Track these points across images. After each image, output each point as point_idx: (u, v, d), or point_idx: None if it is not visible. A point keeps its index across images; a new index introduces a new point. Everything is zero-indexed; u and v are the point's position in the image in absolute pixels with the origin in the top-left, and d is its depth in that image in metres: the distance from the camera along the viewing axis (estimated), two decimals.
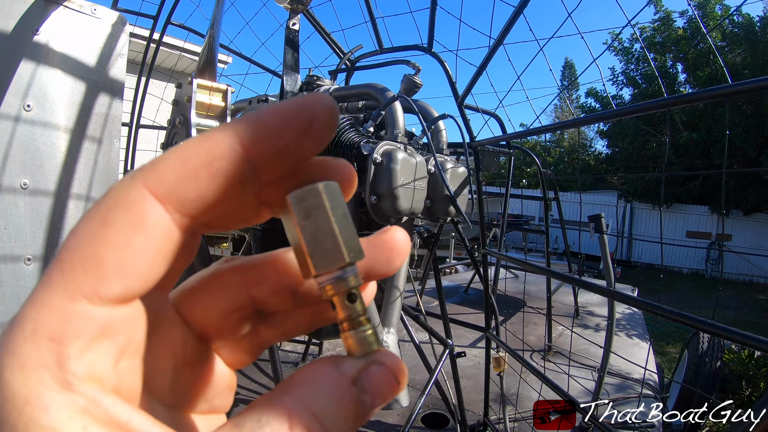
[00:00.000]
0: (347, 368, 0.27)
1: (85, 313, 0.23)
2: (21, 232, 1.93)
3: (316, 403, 0.25)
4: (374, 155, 2.01)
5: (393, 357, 0.29)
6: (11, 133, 1.90)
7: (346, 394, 0.26)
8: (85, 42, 2.11)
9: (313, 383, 0.26)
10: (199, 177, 0.25)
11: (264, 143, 0.26)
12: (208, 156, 0.25)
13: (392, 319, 2.33)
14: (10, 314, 1.92)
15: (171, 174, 0.25)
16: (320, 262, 0.28)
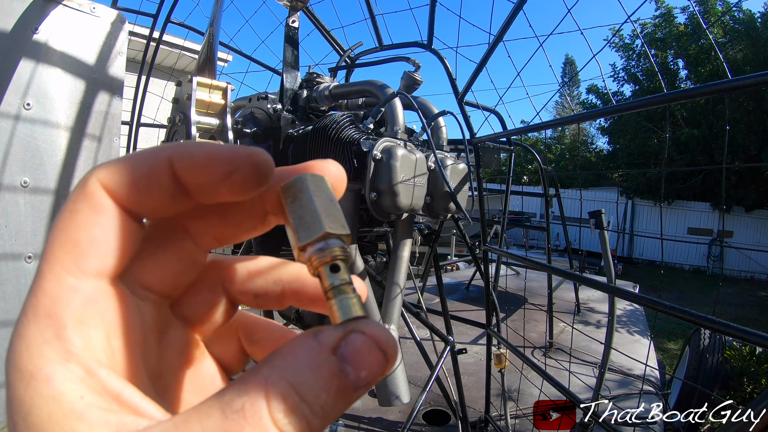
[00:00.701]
0: (325, 337, 0.27)
1: (71, 287, 0.26)
2: (22, 230, 1.93)
3: (294, 373, 0.26)
4: (374, 152, 2.01)
5: (376, 325, 0.28)
6: (11, 131, 1.90)
7: (324, 364, 0.26)
8: (85, 40, 2.10)
9: (291, 353, 0.27)
10: (138, 185, 0.28)
11: (189, 174, 0.29)
12: (148, 169, 0.28)
13: (393, 316, 2.32)
14: (12, 312, 1.92)
15: (117, 176, 0.28)
16: (302, 234, 0.30)
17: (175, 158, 0.28)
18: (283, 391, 0.25)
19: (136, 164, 0.28)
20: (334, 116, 2.27)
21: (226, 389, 0.26)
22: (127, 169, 0.28)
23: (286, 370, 0.26)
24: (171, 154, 0.28)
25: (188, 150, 0.29)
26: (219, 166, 0.29)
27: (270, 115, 2.52)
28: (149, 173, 0.28)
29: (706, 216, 20.33)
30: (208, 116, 2.15)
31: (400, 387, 2.24)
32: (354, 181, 2.08)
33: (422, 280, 4.37)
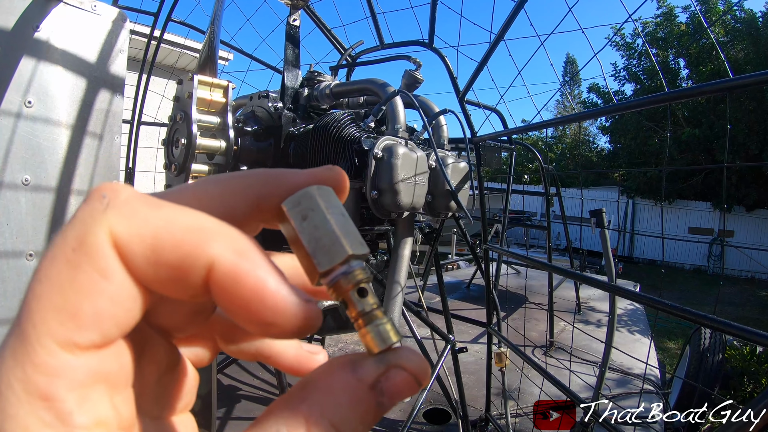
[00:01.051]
0: (366, 373, 0.27)
1: (70, 365, 0.23)
2: (23, 227, 1.93)
3: (334, 411, 0.25)
4: (375, 150, 2.01)
5: (414, 357, 0.28)
6: (12, 129, 1.90)
7: (364, 400, 0.26)
8: (86, 38, 2.10)
9: (331, 391, 0.26)
10: (160, 269, 0.24)
11: (225, 298, 0.25)
12: (180, 258, 0.24)
13: (393, 314, 2.32)
14: (13, 309, 1.91)
15: (137, 242, 0.24)
16: (323, 259, 0.28)
17: (218, 271, 0.24)
18: (326, 431, 0.25)
19: (167, 239, 0.24)
20: (335, 115, 2.27)
21: (263, 427, 0.25)
22: (154, 240, 0.24)
23: (326, 408, 0.25)
24: (216, 259, 0.24)
25: (237, 271, 0.24)
26: (262, 314, 0.25)
27: (271, 113, 2.52)
28: (180, 265, 0.24)
29: (707, 215, 20.32)
30: (209, 114, 2.15)
31: None
32: (355, 179, 2.08)
33: (423, 278, 4.37)
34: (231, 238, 0.25)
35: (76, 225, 0.24)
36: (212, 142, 2.15)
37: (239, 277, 0.24)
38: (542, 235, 16.12)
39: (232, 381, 4.04)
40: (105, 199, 0.24)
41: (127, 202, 0.24)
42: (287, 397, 0.27)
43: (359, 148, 2.07)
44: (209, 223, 0.25)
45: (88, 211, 0.24)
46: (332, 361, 0.29)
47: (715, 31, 18.72)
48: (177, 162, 2.09)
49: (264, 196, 0.30)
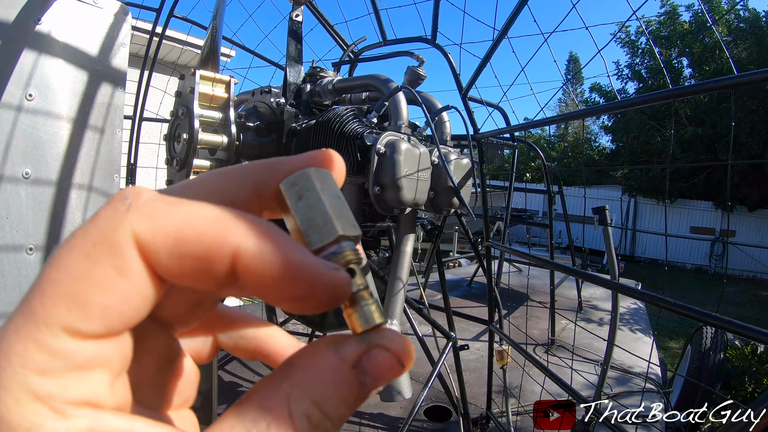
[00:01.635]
0: (347, 352, 0.27)
1: (71, 348, 0.23)
2: (23, 221, 1.93)
3: (315, 390, 0.26)
4: (377, 146, 2.00)
5: (397, 338, 0.28)
6: (13, 122, 1.89)
7: (346, 380, 0.26)
8: (87, 32, 2.10)
9: (313, 369, 0.26)
10: (184, 262, 0.25)
11: (253, 280, 0.25)
12: (204, 250, 0.24)
13: (395, 311, 2.32)
14: (13, 304, 1.91)
15: (161, 239, 0.24)
16: (314, 237, 0.28)
17: (245, 255, 0.24)
18: (307, 409, 0.25)
19: (189, 232, 0.24)
20: (337, 110, 2.26)
21: (246, 405, 0.25)
22: (177, 234, 0.24)
23: (308, 386, 0.26)
24: (240, 245, 0.24)
25: (262, 252, 0.25)
26: (295, 288, 0.25)
27: (273, 109, 2.52)
28: (204, 256, 0.24)
29: (709, 215, 20.32)
30: (211, 110, 2.14)
31: (402, 383, 2.24)
32: (357, 174, 2.08)
33: (425, 275, 4.37)
34: (251, 222, 0.25)
35: (99, 222, 0.24)
36: (214, 137, 2.14)
37: (266, 258, 0.25)
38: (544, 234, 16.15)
39: (233, 377, 4.04)
40: (127, 200, 0.25)
41: (148, 202, 0.25)
42: (270, 376, 0.27)
43: (362, 144, 2.06)
44: (228, 213, 0.25)
45: (110, 211, 0.25)
46: (315, 342, 0.29)
47: (719, 30, 18.72)
48: (179, 157, 2.09)
49: (263, 182, 0.31)
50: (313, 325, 3.12)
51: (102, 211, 0.25)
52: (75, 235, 0.24)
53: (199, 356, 0.37)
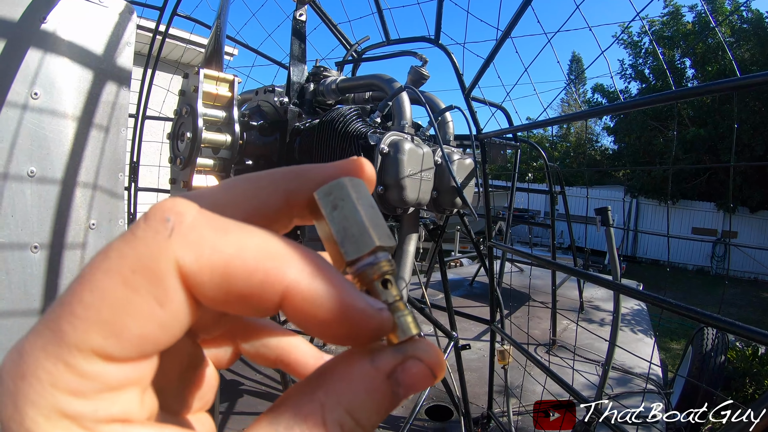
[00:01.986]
0: (383, 363, 0.27)
1: (103, 371, 0.23)
2: (28, 219, 1.94)
3: (351, 399, 0.26)
4: (381, 145, 2.01)
5: (431, 350, 0.28)
6: (18, 121, 1.89)
7: (380, 389, 0.26)
8: (93, 31, 2.10)
9: (348, 378, 0.27)
10: (230, 296, 0.24)
11: (300, 317, 0.25)
12: (255, 287, 0.24)
13: None
14: (17, 302, 1.92)
15: (208, 272, 0.24)
16: (350, 248, 0.28)
17: (296, 296, 0.25)
18: (341, 418, 0.25)
19: (239, 268, 0.24)
20: (341, 109, 2.26)
21: (280, 412, 0.26)
22: (226, 269, 0.24)
23: (342, 396, 0.26)
24: (291, 285, 0.24)
25: (314, 294, 0.25)
26: (340, 329, 0.25)
27: (277, 108, 2.52)
28: (254, 293, 0.24)
29: (711, 216, 20.30)
30: (215, 108, 2.15)
31: None
32: None
33: (426, 275, 4.37)
34: (303, 260, 0.25)
35: (138, 246, 0.24)
36: (217, 136, 2.15)
37: (317, 301, 0.25)
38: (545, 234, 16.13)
39: (235, 376, 4.04)
40: (169, 223, 0.24)
41: (193, 227, 0.24)
42: (303, 384, 0.27)
43: (365, 144, 2.06)
44: (279, 246, 0.25)
45: (151, 234, 0.24)
46: (350, 350, 0.29)
47: (722, 31, 18.70)
48: (182, 156, 2.09)
49: (294, 190, 0.31)
50: None
51: (141, 232, 0.24)
52: (109, 256, 0.24)
53: (219, 362, 0.37)
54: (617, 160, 24.46)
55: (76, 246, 2.09)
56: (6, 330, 1.87)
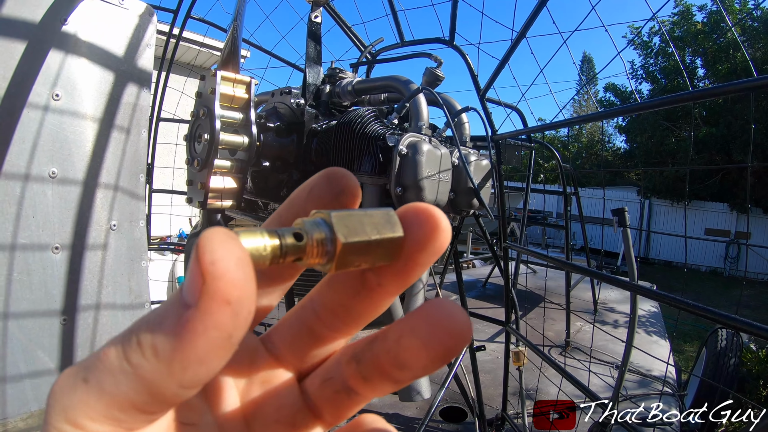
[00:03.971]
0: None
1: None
2: (49, 220, 1.96)
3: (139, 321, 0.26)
4: (399, 147, 2.01)
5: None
6: (40, 122, 1.91)
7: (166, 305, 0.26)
8: (113, 32, 2.11)
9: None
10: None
11: None
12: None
13: None
14: (38, 303, 1.94)
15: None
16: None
17: None
18: (126, 336, 0.25)
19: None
20: (358, 111, 2.26)
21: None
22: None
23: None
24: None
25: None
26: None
27: (293, 109, 2.52)
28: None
29: (724, 217, 20.16)
30: (232, 110, 2.15)
31: (421, 383, 2.24)
32: (379, 176, 2.08)
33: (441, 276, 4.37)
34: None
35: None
36: (235, 137, 2.15)
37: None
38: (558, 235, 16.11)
39: None
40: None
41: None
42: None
43: (383, 145, 2.06)
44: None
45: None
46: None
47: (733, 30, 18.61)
48: (200, 157, 2.10)
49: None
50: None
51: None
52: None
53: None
54: (629, 160, 24.34)
55: (97, 247, 2.11)
56: (27, 331, 1.88)
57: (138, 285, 2.23)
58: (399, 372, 0.31)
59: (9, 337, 1.87)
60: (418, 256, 0.31)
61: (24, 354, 1.91)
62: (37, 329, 1.93)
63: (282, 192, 2.55)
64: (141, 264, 2.23)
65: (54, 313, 1.97)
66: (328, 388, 0.35)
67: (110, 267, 2.15)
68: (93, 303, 2.09)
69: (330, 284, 0.35)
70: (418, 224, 0.31)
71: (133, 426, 0.25)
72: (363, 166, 2.09)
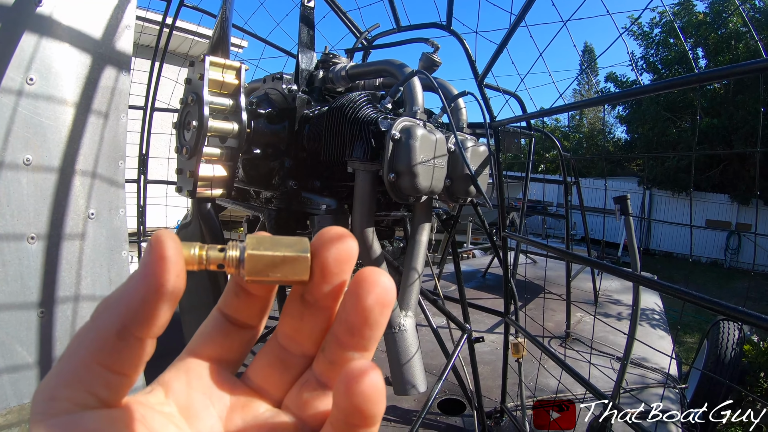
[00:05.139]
0: None
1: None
2: (24, 209, 1.90)
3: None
4: (392, 131, 1.94)
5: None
6: (13, 107, 1.85)
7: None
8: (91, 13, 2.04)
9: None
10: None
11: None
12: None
13: (410, 302, 2.26)
14: (14, 295, 1.90)
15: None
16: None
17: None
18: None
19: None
20: (350, 96, 2.21)
21: None
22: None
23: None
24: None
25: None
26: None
27: (285, 95, 2.47)
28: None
29: (725, 208, 20.15)
30: (222, 96, 2.09)
31: (416, 376, 2.20)
32: (371, 161, 2.01)
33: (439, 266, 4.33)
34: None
35: None
36: (224, 124, 2.10)
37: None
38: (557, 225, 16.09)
39: None
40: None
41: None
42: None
43: (376, 130, 1.99)
44: None
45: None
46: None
47: (733, 20, 18.63)
48: (188, 145, 2.04)
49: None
50: None
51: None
52: None
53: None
54: (630, 150, 24.37)
55: (75, 236, 2.06)
56: (4, 324, 1.84)
57: (118, 275, 2.17)
58: (351, 338, 0.38)
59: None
60: (328, 272, 0.38)
61: (1, 348, 1.87)
62: (14, 323, 1.89)
63: (273, 180, 2.50)
64: (121, 254, 2.18)
65: (31, 306, 1.92)
66: (305, 391, 0.41)
67: (88, 257, 2.09)
68: (71, 295, 2.04)
69: (283, 315, 0.42)
70: (325, 246, 0.38)
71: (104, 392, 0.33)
72: (355, 151, 2.03)
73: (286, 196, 2.46)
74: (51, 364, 1.96)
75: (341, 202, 2.34)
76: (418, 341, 2.28)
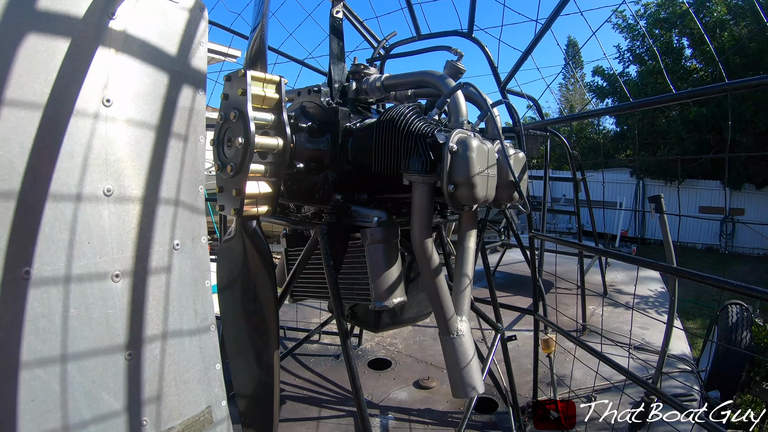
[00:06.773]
0: None
1: None
2: (106, 245, 1.74)
3: None
4: (450, 143, 1.99)
5: None
6: (90, 132, 1.69)
7: None
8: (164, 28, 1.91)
9: None
10: None
11: None
12: None
13: (464, 307, 2.31)
14: (99, 339, 1.75)
15: None
16: None
17: None
18: None
19: None
20: (398, 108, 2.24)
21: None
22: None
23: None
24: None
25: None
26: None
27: (324, 108, 2.50)
28: None
29: (718, 195, 20.29)
30: (263, 111, 2.11)
31: (475, 378, 2.22)
32: (430, 173, 2.05)
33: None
34: None
35: None
36: (269, 140, 2.12)
37: None
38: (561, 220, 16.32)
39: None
40: None
41: None
42: None
43: (432, 142, 2.04)
44: None
45: None
46: None
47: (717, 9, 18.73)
48: (233, 162, 2.04)
49: None
50: (367, 327, 3.12)
51: None
52: None
53: None
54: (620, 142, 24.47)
55: (161, 270, 1.92)
56: (89, 372, 1.72)
57: (203, 307, 2.07)
58: None
59: (69, 382, 1.67)
60: None
61: (87, 398, 1.72)
62: (100, 369, 1.74)
63: (317, 194, 2.52)
64: (205, 284, 2.08)
65: (117, 349, 1.79)
66: None
67: (175, 291, 1.96)
68: (159, 333, 1.91)
69: None
70: None
71: None
72: (412, 164, 2.06)
73: (335, 211, 2.49)
74: (140, 408, 1.85)
75: (390, 214, 2.36)
76: (474, 344, 2.32)
